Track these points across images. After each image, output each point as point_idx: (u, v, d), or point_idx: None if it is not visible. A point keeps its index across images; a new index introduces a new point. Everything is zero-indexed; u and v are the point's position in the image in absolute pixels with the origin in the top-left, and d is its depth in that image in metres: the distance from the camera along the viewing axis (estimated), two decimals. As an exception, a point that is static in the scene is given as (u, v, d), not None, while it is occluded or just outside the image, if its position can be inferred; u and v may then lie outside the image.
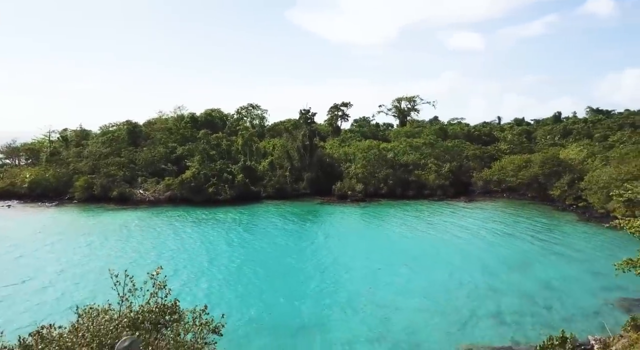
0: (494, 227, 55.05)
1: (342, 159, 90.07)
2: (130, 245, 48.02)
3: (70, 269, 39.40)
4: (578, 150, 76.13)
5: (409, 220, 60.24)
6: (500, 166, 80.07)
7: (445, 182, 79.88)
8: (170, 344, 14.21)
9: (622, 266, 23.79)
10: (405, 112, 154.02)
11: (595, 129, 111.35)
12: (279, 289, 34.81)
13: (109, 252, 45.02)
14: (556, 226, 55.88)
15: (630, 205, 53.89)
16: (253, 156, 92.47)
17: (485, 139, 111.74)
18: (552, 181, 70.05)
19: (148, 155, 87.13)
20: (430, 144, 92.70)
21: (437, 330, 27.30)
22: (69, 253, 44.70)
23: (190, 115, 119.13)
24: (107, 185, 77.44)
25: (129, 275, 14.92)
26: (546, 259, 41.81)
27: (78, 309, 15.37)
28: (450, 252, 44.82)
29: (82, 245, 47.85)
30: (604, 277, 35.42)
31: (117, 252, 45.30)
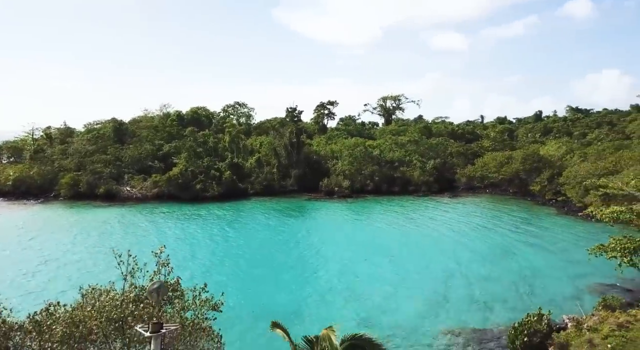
0: (476, 221, 56.72)
1: (329, 156, 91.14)
2: (114, 239, 48.34)
3: (53, 262, 39.54)
4: (557, 147, 78.54)
5: (394, 215, 61.61)
6: (483, 163, 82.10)
7: (429, 179, 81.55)
8: (174, 317, 15.08)
9: (594, 251, 25.34)
10: (390, 110, 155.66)
11: (574, 127, 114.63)
12: (261, 279, 35.61)
13: (93, 246, 45.31)
14: (535, 219, 57.85)
15: (607, 199, 56.17)
16: (240, 153, 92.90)
17: (468, 137, 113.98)
18: (533, 177, 72.21)
19: (134, 153, 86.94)
20: (415, 142, 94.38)
21: (420, 313, 28.50)
22: (53, 248, 44.84)
23: (177, 113, 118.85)
24: (94, 183, 77.18)
25: (132, 255, 15.76)
26: (525, 249, 43.49)
27: (81, 289, 16.12)
28: (434, 244, 46.23)
29: (66, 240, 48.09)
30: (579, 265, 37.09)
31: (100, 247, 45.51)
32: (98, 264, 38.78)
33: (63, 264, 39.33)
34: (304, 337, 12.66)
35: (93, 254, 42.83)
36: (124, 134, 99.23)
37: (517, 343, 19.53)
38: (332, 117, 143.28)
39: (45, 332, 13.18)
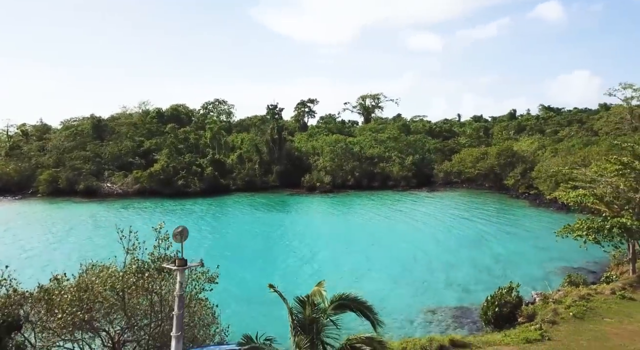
0: (453, 213, 58.88)
1: (310, 152, 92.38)
2: (97, 234, 48.54)
3: (36, 256, 39.60)
4: (530, 143, 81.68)
5: (375, 209, 63.30)
6: (459, 158, 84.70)
7: (408, 174, 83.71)
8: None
9: (561, 232, 27.23)
10: (369, 109, 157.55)
11: (546, 125, 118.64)
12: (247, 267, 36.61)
13: (75, 241, 45.53)
14: (509, 211, 60.39)
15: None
16: (221, 150, 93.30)
17: (445, 134, 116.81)
18: (507, 171, 74.98)
19: (114, 149, 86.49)
20: (394, 138, 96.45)
21: (401, 296, 30.01)
22: (34, 241, 44.84)
23: (156, 110, 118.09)
24: (73, 179, 76.62)
25: (132, 232, 16.76)
26: (498, 238, 45.66)
27: (82, 265, 17.02)
28: (413, 234, 48.03)
29: (48, 234, 48.13)
30: (549, 251, 39.31)
31: (82, 240, 45.74)
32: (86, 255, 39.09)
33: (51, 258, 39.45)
34: (295, 298, 13.83)
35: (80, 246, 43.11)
36: (103, 130, 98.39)
37: (489, 314, 21.13)
38: (312, 115, 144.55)
39: (54, 299, 14.06)
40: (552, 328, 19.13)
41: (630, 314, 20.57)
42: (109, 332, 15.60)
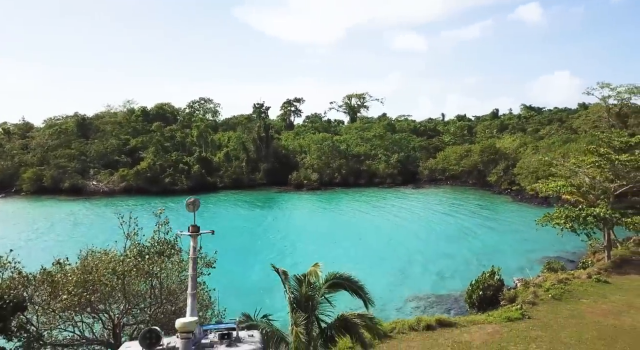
0: (438, 208, 60.19)
1: (297, 150, 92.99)
2: (79, 230, 48.52)
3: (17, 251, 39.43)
4: (512, 141, 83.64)
5: (362, 205, 64.27)
6: (444, 156, 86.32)
7: (394, 171, 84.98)
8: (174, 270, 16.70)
9: (541, 221, 28.53)
10: (355, 108, 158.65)
11: (528, 124, 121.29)
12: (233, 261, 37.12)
13: (56, 237, 45.53)
14: (492, 206, 61.98)
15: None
16: (208, 148, 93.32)
17: (430, 133, 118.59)
18: (490, 168, 76.74)
19: (100, 147, 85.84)
20: (380, 136, 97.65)
21: (387, 286, 30.91)
22: (14, 238, 44.64)
23: (142, 109, 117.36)
24: (58, 177, 75.90)
25: (132, 217, 17.29)
26: (481, 231, 47.01)
27: (81, 251, 17.48)
28: (399, 228, 49.09)
29: (28, 231, 47.97)
30: (530, 243, 40.75)
31: (64, 236, 45.68)
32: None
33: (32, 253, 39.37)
34: (294, 277, 14.59)
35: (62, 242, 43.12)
36: (88, 129, 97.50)
37: (474, 297, 22.18)
38: (298, 114, 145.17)
39: (60, 281, 14.54)
40: (532, 308, 20.24)
41: (604, 295, 21.81)
42: (110, 314, 16.09)
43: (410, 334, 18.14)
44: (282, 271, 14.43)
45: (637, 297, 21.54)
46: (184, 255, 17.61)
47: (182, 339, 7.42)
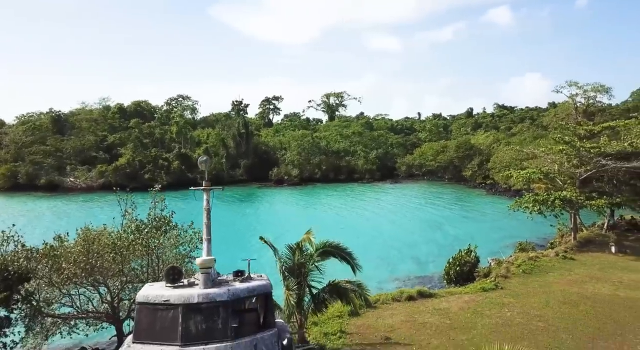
0: (416, 201, 62.05)
1: (277, 147, 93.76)
2: (58, 225, 48.20)
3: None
4: (485, 137, 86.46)
5: (343, 198, 65.62)
6: (421, 152, 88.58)
7: (372, 167, 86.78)
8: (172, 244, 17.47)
9: (513, 206, 30.35)
10: (333, 107, 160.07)
11: (501, 122, 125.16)
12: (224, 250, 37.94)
13: (37, 232, 45.15)
14: (467, 199, 64.24)
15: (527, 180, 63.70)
16: (187, 144, 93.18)
17: (407, 131, 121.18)
18: (465, 163, 79.23)
19: (77, 144, 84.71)
20: (359, 133, 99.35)
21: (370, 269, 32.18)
22: None
23: (118, 106, 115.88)
24: (34, 173, 74.72)
25: (130, 196, 18.04)
26: (458, 221, 48.92)
27: (78, 230, 18.11)
28: (378, 219, 50.58)
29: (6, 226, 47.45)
30: (503, 231, 42.79)
31: (45, 231, 45.40)
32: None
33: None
34: (287, 246, 15.64)
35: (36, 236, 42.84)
36: (63, 125, 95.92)
37: (451, 273, 23.61)
38: (277, 112, 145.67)
39: (65, 251, 15.23)
40: (505, 281, 21.83)
41: (570, 269, 23.62)
42: (109, 287, 16.78)
43: (393, 304, 19.42)
44: (270, 243, 15.49)
45: (599, 270, 23.40)
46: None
47: (202, 274, 8.45)
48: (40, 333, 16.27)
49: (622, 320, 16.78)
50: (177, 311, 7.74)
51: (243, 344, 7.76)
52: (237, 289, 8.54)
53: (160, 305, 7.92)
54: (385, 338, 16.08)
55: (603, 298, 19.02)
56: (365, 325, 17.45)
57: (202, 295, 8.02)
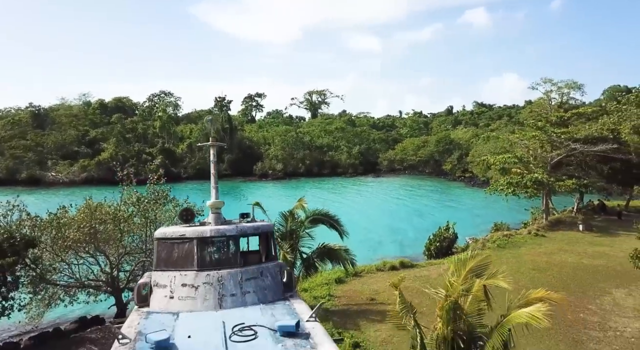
0: (398, 193, 63.79)
1: (261, 142, 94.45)
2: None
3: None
4: (464, 132, 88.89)
5: (327, 192, 66.90)
6: (402, 147, 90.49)
7: (355, 162, 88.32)
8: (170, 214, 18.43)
9: (489, 190, 32.09)
10: (316, 105, 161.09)
11: (479, 119, 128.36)
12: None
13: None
14: (447, 190, 66.27)
15: (504, 172, 66.11)
16: (171, 140, 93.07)
17: (388, 128, 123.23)
18: (445, 158, 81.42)
19: (58, 138, 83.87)
20: (342, 129, 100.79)
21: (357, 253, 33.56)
22: None
23: (99, 102, 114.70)
24: (14, 168, 73.83)
25: (130, 172, 18.97)
26: (439, 210, 50.65)
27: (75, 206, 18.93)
28: (362, 210, 51.97)
29: None
30: (481, 217, 44.63)
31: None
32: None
33: None
34: (280, 213, 16.80)
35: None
36: (44, 120, 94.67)
37: (432, 249, 25.11)
38: (260, 109, 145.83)
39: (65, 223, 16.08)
40: (480, 253, 23.35)
41: (540, 244, 25.37)
42: (109, 257, 17.67)
43: (377, 273, 20.79)
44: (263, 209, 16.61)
45: (566, 244, 25.19)
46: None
47: (213, 213, 9.58)
48: (43, 301, 17.07)
49: (584, 281, 18.45)
50: (193, 244, 8.81)
51: (250, 270, 8.89)
52: (244, 226, 9.71)
53: (177, 240, 8.99)
54: (370, 299, 17.39)
55: (568, 265, 20.72)
56: (351, 290, 18.72)
57: (214, 231, 9.13)
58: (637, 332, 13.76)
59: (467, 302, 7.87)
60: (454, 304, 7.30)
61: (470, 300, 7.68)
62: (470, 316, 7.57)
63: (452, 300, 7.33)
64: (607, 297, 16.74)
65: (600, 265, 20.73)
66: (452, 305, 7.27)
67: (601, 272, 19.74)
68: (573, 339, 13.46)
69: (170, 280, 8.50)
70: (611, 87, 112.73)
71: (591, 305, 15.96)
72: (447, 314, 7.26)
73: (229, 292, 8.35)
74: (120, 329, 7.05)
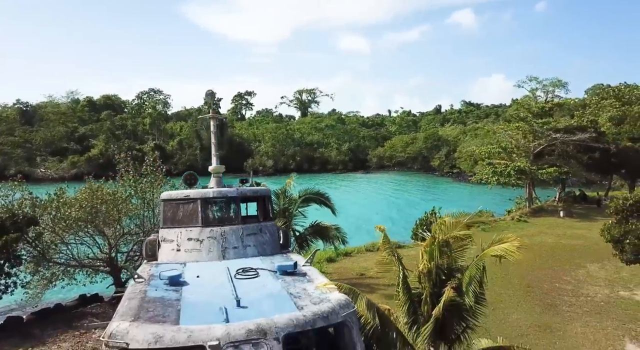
0: (388, 187, 64.94)
1: (252, 139, 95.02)
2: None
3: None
4: (452, 129, 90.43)
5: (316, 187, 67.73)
6: (391, 144, 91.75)
7: (345, 158, 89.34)
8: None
9: (474, 179, 33.18)
10: (306, 104, 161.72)
11: (467, 117, 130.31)
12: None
13: None
14: (436, 185, 67.54)
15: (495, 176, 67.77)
16: (161, 136, 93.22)
17: (377, 127, 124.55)
18: (433, 154, 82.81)
19: (47, 135, 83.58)
20: (332, 126, 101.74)
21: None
22: None
23: (88, 99, 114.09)
24: (3, 164, 73.49)
25: (130, 154, 19.60)
26: (425, 202, 51.61)
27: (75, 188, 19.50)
28: (353, 202, 52.96)
29: None
30: (469, 208, 45.28)
31: None
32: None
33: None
34: (272, 192, 17.56)
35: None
36: (32, 117, 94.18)
37: (419, 232, 26.05)
38: (250, 108, 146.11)
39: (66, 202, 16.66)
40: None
41: (522, 228, 26.53)
42: (108, 236, 18.26)
43: (366, 253, 21.73)
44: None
45: (547, 228, 26.36)
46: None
47: (214, 177, 10.37)
48: (43, 280, 17.60)
49: (561, 257, 19.55)
50: (197, 203, 9.57)
51: (250, 227, 9.68)
52: (244, 189, 10.53)
53: (182, 200, 9.74)
54: (360, 274, 18.27)
55: (548, 245, 21.83)
56: (342, 267, 19.59)
57: (216, 192, 9.91)
58: (606, 297, 14.81)
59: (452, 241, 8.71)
60: (440, 243, 8.13)
61: (454, 240, 8.54)
62: (454, 251, 8.42)
63: (440, 240, 8.17)
64: (581, 270, 17.83)
65: (578, 244, 21.87)
66: (439, 244, 8.09)
67: (578, 250, 20.87)
68: (548, 303, 14.46)
69: (177, 236, 9.25)
70: (594, 85, 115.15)
71: (566, 277, 17.01)
72: (433, 251, 8.09)
73: (231, 245, 9.13)
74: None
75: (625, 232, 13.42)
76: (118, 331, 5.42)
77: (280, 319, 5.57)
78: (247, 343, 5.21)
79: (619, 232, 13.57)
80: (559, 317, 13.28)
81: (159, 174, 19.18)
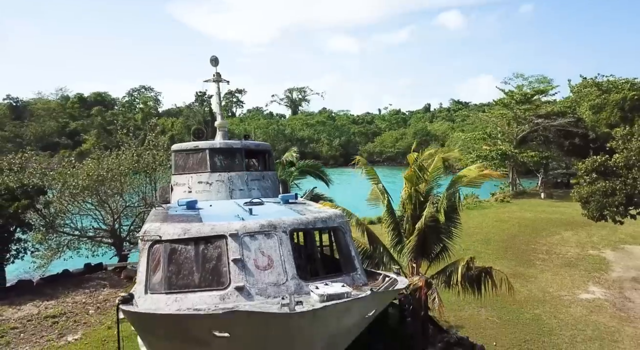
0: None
1: (243, 135, 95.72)
2: None
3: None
4: (440, 124, 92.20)
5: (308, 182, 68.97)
6: (381, 140, 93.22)
7: (336, 154, 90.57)
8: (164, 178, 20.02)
9: (461, 164, 34.44)
10: (296, 102, 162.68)
11: (456, 115, 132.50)
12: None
13: None
14: (424, 178, 69.15)
15: (480, 160, 69.34)
16: (152, 132, 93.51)
17: (367, 125, 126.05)
18: (422, 148, 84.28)
19: (37, 130, 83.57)
20: (322, 122, 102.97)
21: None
22: None
23: (78, 96, 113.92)
24: (-7, 158, 73.52)
25: (131, 134, 20.58)
26: (416, 192, 53.34)
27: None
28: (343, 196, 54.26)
29: None
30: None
31: None
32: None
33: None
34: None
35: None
36: (22, 112, 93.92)
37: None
38: (240, 106, 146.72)
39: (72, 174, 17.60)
40: (451, 212, 25.73)
41: (504, 207, 27.94)
42: (111, 207, 19.20)
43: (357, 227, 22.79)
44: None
45: (527, 207, 27.81)
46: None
47: (220, 131, 11.48)
48: (50, 249, 18.51)
49: (538, 228, 20.93)
50: (205, 153, 10.65)
51: (254, 174, 10.81)
52: (247, 142, 11.64)
53: (191, 151, 10.83)
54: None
55: (526, 218, 23.23)
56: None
57: (222, 143, 11.02)
58: (576, 255, 16.17)
59: (430, 168, 9.95)
60: (419, 167, 9.33)
61: (431, 168, 9.75)
62: (431, 177, 9.64)
63: (418, 164, 9.37)
64: (556, 236, 19.21)
65: (555, 218, 23.28)
66: (418, 168, 9.28)
67: (554, 221, 22.27)
68: (524, 260, 15.76)
69: (188, 180, 10.33)
70: (578, 84, 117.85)
71: (542, 241, 18.37)
72: (412, 177, 9.28)
73: (237, 187, 10.24)
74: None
75: (592, 192, 14.75)
76: (152, 228, 6.50)
77: (287, 219, 6.74)
78: (261, 233, 6.34)
79: (587, 192, 14.89)
80: (533, 269, 14.58)
81: (160, 149, 20.16)
